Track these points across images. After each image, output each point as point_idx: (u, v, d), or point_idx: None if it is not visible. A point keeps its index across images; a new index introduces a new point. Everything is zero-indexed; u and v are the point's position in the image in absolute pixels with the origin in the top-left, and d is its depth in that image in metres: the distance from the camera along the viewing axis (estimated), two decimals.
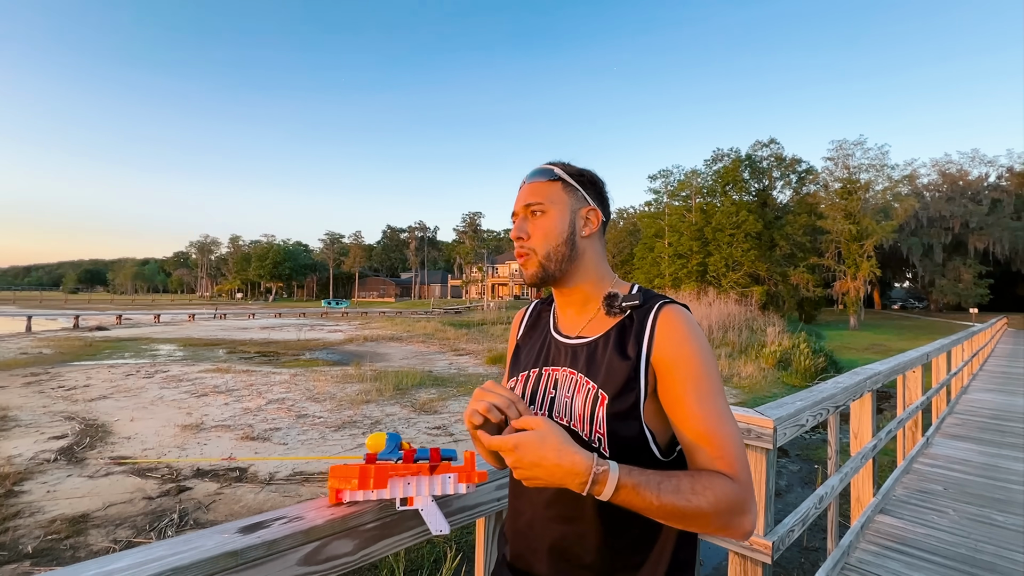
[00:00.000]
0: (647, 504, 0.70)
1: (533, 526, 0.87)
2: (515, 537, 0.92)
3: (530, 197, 0.89)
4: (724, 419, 0.76)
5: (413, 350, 18.77)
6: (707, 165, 38.35)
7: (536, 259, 0.88)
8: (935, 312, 48.27)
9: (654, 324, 0.81)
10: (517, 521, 0.91)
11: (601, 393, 0.80)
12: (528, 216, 0.89)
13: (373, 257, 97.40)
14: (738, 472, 0.74)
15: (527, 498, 0.89)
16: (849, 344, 22.81)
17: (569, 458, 0.70)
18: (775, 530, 1.81)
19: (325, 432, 7.65)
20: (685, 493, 0.70)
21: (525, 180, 0.92)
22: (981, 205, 46.41)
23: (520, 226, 0.89)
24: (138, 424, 7.92)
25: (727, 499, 0.71)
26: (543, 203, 0.88)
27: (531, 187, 0.90)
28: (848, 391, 2.54)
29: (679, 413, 0.78)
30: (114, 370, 12.76)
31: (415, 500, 0.99)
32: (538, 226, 0.88)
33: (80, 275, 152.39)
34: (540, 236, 0.87)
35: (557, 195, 0.89)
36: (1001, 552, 2.79)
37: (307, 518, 0.91)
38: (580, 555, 0.81)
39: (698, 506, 0.70)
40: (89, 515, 4.90)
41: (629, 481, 0.70)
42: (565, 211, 0.88)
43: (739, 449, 0.75)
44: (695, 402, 0.76)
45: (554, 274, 0.89)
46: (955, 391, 7.14)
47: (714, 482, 0.72)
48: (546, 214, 0.88)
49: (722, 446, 0.75)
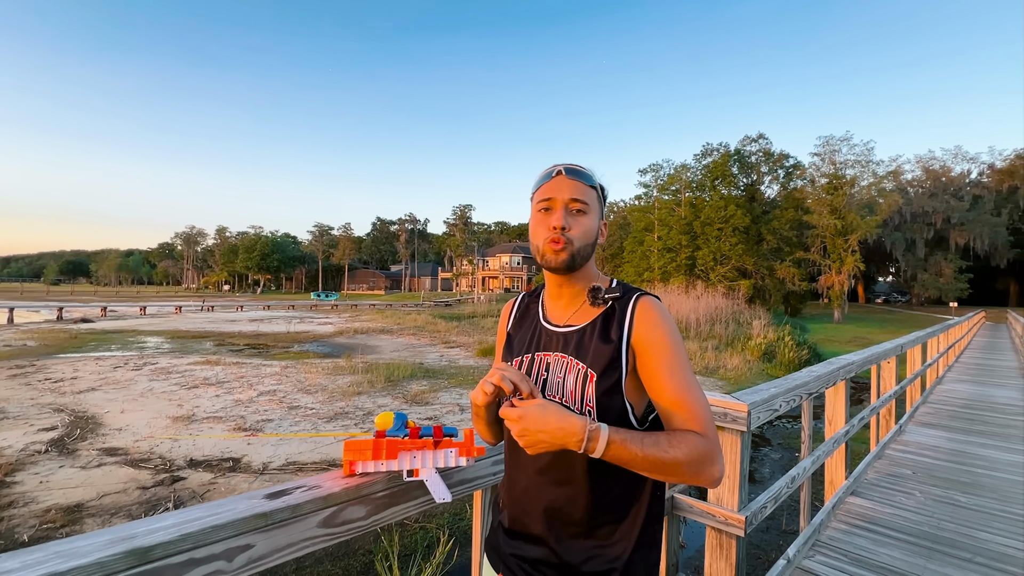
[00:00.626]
0: (632, 456, 0.83)
1: (528, 492, 0.99)
2: (511, 504, 1.04)
3: (576, 193, 0.97)
4: (693, 388, 0.90)
5: (404, 342, 18.83)
6: (696, 159, 38.65)
7: (571, 250, 0.97)
8: (917, 306, 49.31)
9: (633, 312, 0.95)
10: (513, 490, 1.03)
11: (590, 372, 0.94)
12: (572, 212, 0.98)
13: (363, 249, 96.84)
14: (706, 430, 0.88)
15: (522, 468, 1.01)
16: (833, 337, 23.30)
17: (568, 420, 0.83)
18: (748, 506, 1.95)
19: (318, 423, 7.73)
20: (663, 446, 0.84)
21: (564, 172, 0.98)
22: (963, 201, 47.37)
23: (564, 217, 0.96)
24: (129, 416, 7.93)
25: (698, 451, 0.84)
26: (587, 205, 0.98)
27: (576, 185, 0.98)
28: (821, 379, 2.69)
29: (656, 384, 0.91)
30: (101, 362, 12.67)
31: (420, 472, 1.10)
32: (580, 223, 0.97)
33: (62, 266, 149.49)
34: (580, 232, 0.97)
35: (594, 202, 1.00)
36: (960, 530, 2.99)
37: (324, 487, 1.02)
38: (571, 513, 0.94)
39: (674, 456, 0.83)
40: (83, 504, 4.95)
41: (617, 437, 0.83)
42: (596, 218, 1.01)
43: (706, 412, 0.90)
44: (668, 375, 0.91)
45: (577, 267, 0.99)
46: (930, 381, 7.41)
47: (687, 437, 0.86)
48: (587, 215, 0.98)
49: (692, 409, 0.89)
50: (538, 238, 1.00)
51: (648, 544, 0.95)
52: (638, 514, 0.95)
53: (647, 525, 0.95)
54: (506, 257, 67.76)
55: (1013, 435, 5.22)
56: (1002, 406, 6.66)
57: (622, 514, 0.94)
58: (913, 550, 2.72)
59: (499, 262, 67.75)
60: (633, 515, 0.94)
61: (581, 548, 0.94)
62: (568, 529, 0.94)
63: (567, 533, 0.94)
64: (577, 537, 0.94)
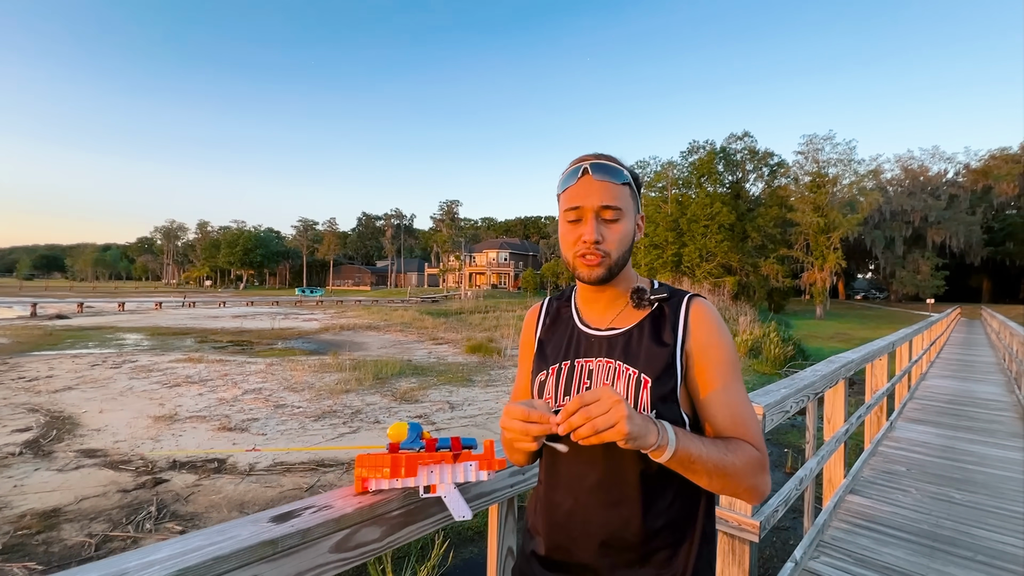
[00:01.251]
0: (698, 455, 0.77)
1: (574, 515, 0.89)
2: (552, 529, 0.93)
3: (607, 199, 0.87)
4: (746, 401, 0.87)
5: (391, 339, 18.64)
6: (683, 157, 38.95)
7: (608, 263, 0.88)
8: (895, 302, 50.47)
9: (687, 315, 0.89)
10: (555, 513, 0.92)
11: (644, 377, 0.86)
12: (604, 220, 0.88)
13: (348, 245, 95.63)
14: (758, 443, 0.85)
15: (566, 488, 0.91)
16: (816, 333, 23.67)
17: (644, 416, 0.75)
18: (761, 510, 1.90)
19: (305, 422, 7.57)
20: (722, 451, 0.80)
21: (591, 171, 0.88)
22: (940, 200, 48.55)
23: (596, 228, 0.87)
24: (108, 416, 7.68)
25: (754, 460, 0.82)
26: (621, 210, 0.88)
27: (606, 187, 0.87)
28: (826, 379, 2.67)
29: (710, 395, 0.86)
30: (78, 360, 12.29)
31: (438, 488, 1.01)
32: (615, 231, 0.88)
33: (35, 261, 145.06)
34: (616, 242, 0.88)
35: (627, 201, 0.90)
36: (959, 528, 3.00)
37: (336, 506, 0.92)
38: (626, 538, 0.85)
39: (733, 463, 0.79)
40: (61, 509, 4.76)
41: (683, 433, 0.78)
42: (632, 218, 0.91)
43: (758, 425, 0.87)
44: (724, 386, 0.86)
45: (612, 276, 0.91)
46: (915, 378, 7.53)
47: (742, 446, 0.83)
48: (622, 221, 0.89)
49: (746, 423, 0.85)
50: (568, 250, 0.91)
51: (706, 567, 0.88)
52: (695, 536, 0.87)
53: (703, 546, 0.88)
54: (493, 253, 67.58)
55: (999, 430, 5.31)
56: (985, 401, 6.79)
57: (680, 536, 0.87)
58: (915, 549, 2.71)
59: (486, 258, 67.55)
60: (690, 537, 0.87)
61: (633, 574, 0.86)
62: (623, 556, 0.86)
63: (622, 561, 0.86)
64: (632, 565, 0.85)
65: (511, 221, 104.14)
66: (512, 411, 0.78)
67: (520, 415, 0.76)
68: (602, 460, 0.87)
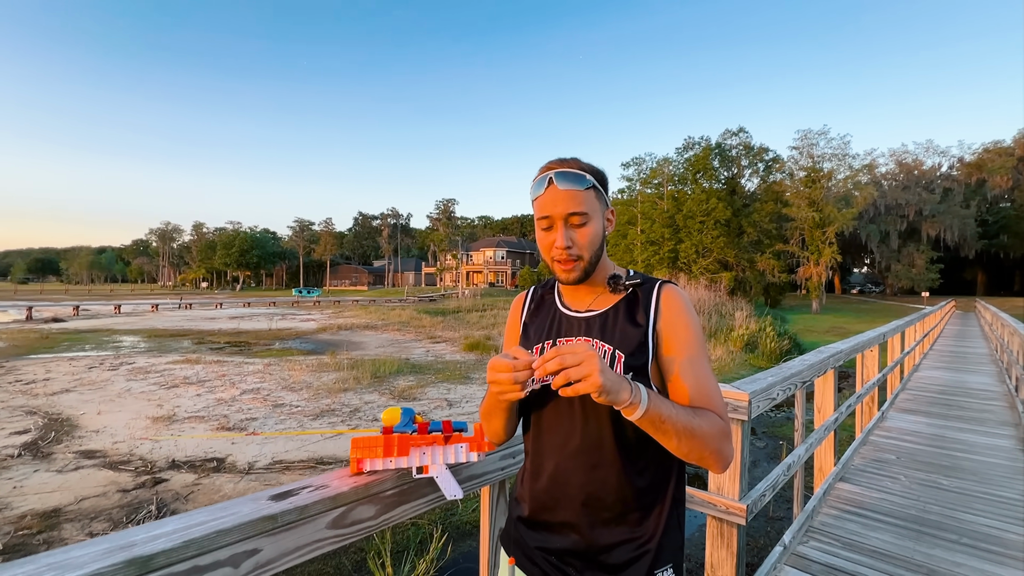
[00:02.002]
0: (668, 416, 0.82)
1: (556, 478, 0.96)
2: (534, 495, 1.00)
3: (572, 206, 0.93)
4: (711, 376, 0.94)
5: (389, 338, 18.67)
6: (678, 153, 38.99)
7: (583, 264, 0.96)
8: (890, 296, 50.72)
9: (658, 298, 0.97)
10: (537, 480, 1.00)
11: (618, 353, 0.93)
12: (572, 226, 0.94)
13: (345, 245, 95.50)
14: (723, 414, 0.91)
15: (548, 454, 0.98)
16: (812, 327, 23.81)
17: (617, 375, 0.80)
18: (748, 495, 1.96)
19: (303, 421, 7.61)
20: (691, 415, 0.85)
21: (556, 182, 0.94)
22: (934, 194, 48.76)
23: (567, 235, 0.93)
24: (106, 417, 7.70)
25: (718, 426, 0.88)
26: (587, 213, 0.94)
27: (571, 195, 0.93)
28: (813, 368, 2.72)
29: (677, 370, 0.92)
30: (75, 363, 12.28)
31: (430, 468, 1.06)
32: (584, 235, 0.95)
33: (30, 264, 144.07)
34: (586, 244, 0.95)
35: (592, 203, 0.95)
36: (945, 512, 3.07)
37: (332, 486, 0.97)
38: (603, 499, 0.92)
39: (700, 426, 0.85)
40: (61, 509, 4.79)
41: (655, 395, 0.83)
42: (600, 217, 0.98)
43: (721, 398, 0.93)
44: (690, 360, 0.92)
45: (589, 274, 0.98)
46: (908, 369, 7.62)
47: (708, 413, 0.89)
48: (589, 224, 0.95)
49: (711, 395, 0.91)
50: (545, 255, 0.99)
51: (675, 527, 0.95)
52: (666, 500, 0.95)
53: (673, 508, 0.95)
54: (490, 251, 67.57)
55: (989, 419, 5.39)
56: (976, 391, 6.87)
57: (652, 500, 0.94)
58: (902, 533, 2.78)
59: (483, 256, 67.54)
60: (662, 501, 0.94)
61: (612, 534, 0.92)
62: (601, 515, 0.93)
63: (599, 519, 0.93)
64: (609, 524, 0.93)
65: (508, 219, 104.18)
66: (497, 363, 0.83)
67: (505, 366, 0.82)
68: (581, 427, 0.93)
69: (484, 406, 1.03)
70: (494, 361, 0.84)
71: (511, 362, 0.82)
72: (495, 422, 1.03)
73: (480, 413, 1.06)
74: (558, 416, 0.96)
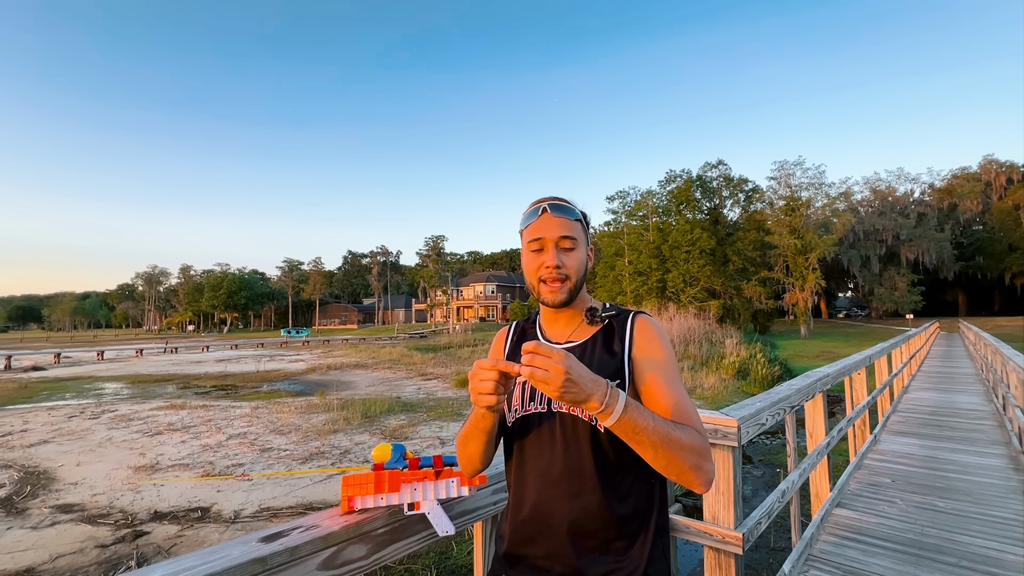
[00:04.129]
0: (645, 424, 0.82)
1: (539, 508, 0.97)
2: (515, 529, 1.00)
3: (564, 231, 1.02)
4: (686, 396, 0.97)
5: (379, 376, 18.40)
6: (661, 186, 39.97)
7: (569, 286, 1.02)
8: (876, 319, 51.40)
9: (632, 328, 1.03)
10: (518, 514, 1.00)
11: None
12: (562, 249, 1.02)
13: (334, 283, 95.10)
14: (701, 430, 0.93)
15: (532, 484, 0.99)
16: (801, 352, 23.95)
17: (593, 374, 0.82)
18: (744, 523, 1.95)
19: (292, 465, 7.39)
20: (669, 426, 0.86)
21: (549, 210, 1.02)
22: (909, 219, 50.27)
23: (558, 257, 1.01)
24: (85, 468, 7.41)
25: (697, 441, 0.88)
26: (576, 240, 1.03)
27: (563, 222, 1.02)
28: (801, 392, 2.75)
29: (653, 393, 0.95)
30: (54, 412, 11.89)
31: (422, 504, 1.06)
32: (573, 258, 1.02)
33: (11, 312, 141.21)
34: (574, 268, 1.03)
35: (580, 233, 1.05)
36: (943, 535, 3.05)
37: (323, 525, 0.97)
38: (587, 526, 0.93)
39: (680, 437, 0.85)
40: (35, 569, 4.55)
41: (632, 403, 0.83)
42: (584, 249, 1.06)
43: (698, 416, 0.95)
44: (665, 384, 0.96)
45: (574, 298, 1.04)
46: (897, 391, 7.67)
47: (686, 427, 0.90)
48: (577, 250, 1.03)
49: (687, 413, 0.94)
50: (533, 277, 1.04)
51: (660, 557, 0.96)
52: (650, 527, 0.96)
53: (657, 538, 0.96)
54: (480, 286, 67.72)
55: (979, 439, 5.42)
56: (966, 411, 6.92)
57: (636, 527, 0.95)
58: (902, 558, 2.75)
59: (473, 291, 67.61)
60: (646, 527, 0.96)
61: (598, 565, 0.93)
62: (586, 543, 0.93)
63: (585, 548, 0.93)
64: (593, 552, 0.93)
65: (497, 254, 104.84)
66: (482, 363, 0.84)
67: (489, 364, 0.83)
68: (563, 453, 0.96)
69: (462, 431, 1.03)
70: (479, 362, 0.85)
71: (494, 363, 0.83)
72: (472, 446, 1.01)
73: (457, 440, 1.06)
74: (539, 444, 0.99)
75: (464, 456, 1.04)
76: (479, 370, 0.84)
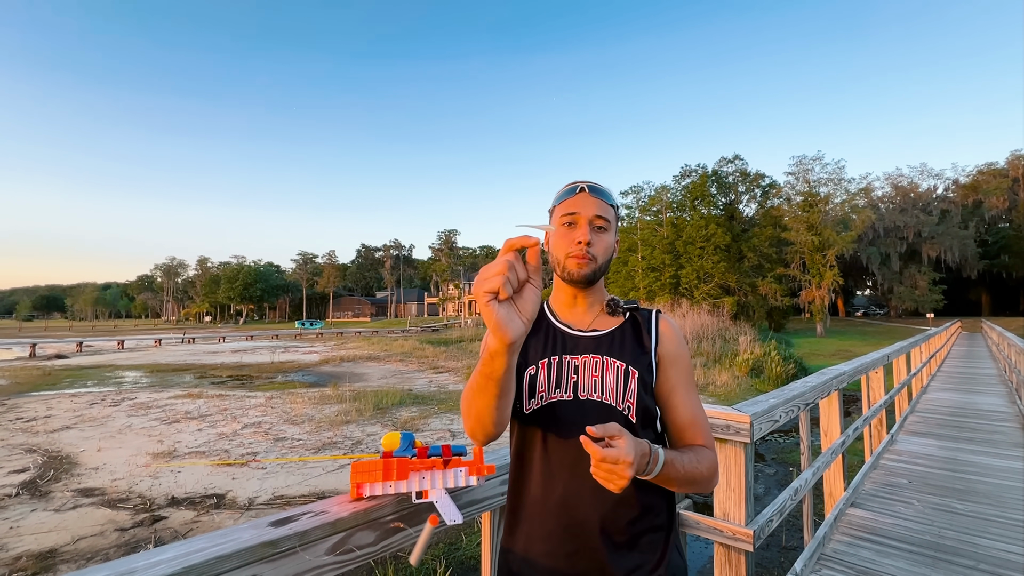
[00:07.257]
0: (676, 473, 0.88)
1: (567, 503, 0.95)
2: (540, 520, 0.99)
3: (600, 211, 1.00)
4: (701, 407, 1.01)
5: (391, 369, 18.55)
6: (676, 181, 39.51)
7: (595, 265, 1.00)
8: (895, 318, 50.38)
9: (658, 326, 1.05)
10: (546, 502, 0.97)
11: (632, 369, 0.98)
12: (595, 228, 1.01)
13: (347, 276, 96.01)
14: (711, 441, 0.99)
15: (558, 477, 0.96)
16: (817, 351, 23.59)
17: (644, 446, 0.83)
18: (755, 520, 1.93)
19: (305, 454, 7.50)
20: (694, 463, 0.91)
21: (588, 190, 1.01)
22: (931, 216, 49.06)
23: (589, 232, 0.99)
24: (106, 454, 7.61)
25: (712, 464, 0.95)
26: (609, 223, 1.03)
27: (599, 203, 1.01)
28: (816, 389, 2.71)
29: (674, 399, 0.98)
30: (77, 399, 12.21)
31: (430, 493, 1.06)
32: (602, 240, 1.02)
33: (35, 302, 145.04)
34: (603, 249, 1.02)
35: (613, 220, 1.05)
36: (962, 537, 2.99)
37: (332, 512, 0.97)
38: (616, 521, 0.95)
39: (701, 471, 0.92)
40: (57, 550, 4.69)
41: (668, 456, 0.87)
42: (614, 234, 1.06)
43: (710, 429, 1.01)
44: (685, 392, 1.00)
45: (596, 280, 1.03)
46: (916, 391, 7.52)
47: (705, 453, 0.96)
48: (608, 233, 1.03)
49: (703, 427, 0.99)
50: (560, 251, 1.02)
51: (678, 550, 0.99)
52: (668, 520, 0.98)
53: (670, 532, 0.98)
54: None
55: (1001, 441, 5.29)
56: (987, 412, 6.76)
57: (660, 521, 0.97)
58: (917, 560, 2.70)
59: None
60: (666, 521, 0.98)
61: (626, 561, 0.93)
62: (616, 539, 0.94)
63: (614, 544, 0.94)
64: (621, 549, 0.94)
65: None
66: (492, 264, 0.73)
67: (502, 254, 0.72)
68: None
69: (468, 385, 0.88)
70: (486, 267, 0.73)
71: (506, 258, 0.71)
72: (481, 401, 0.84)
73: (462, 400, 0.92)
74: (567, 434, 0.95)
75: (471, 414, 0.89)
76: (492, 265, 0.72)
